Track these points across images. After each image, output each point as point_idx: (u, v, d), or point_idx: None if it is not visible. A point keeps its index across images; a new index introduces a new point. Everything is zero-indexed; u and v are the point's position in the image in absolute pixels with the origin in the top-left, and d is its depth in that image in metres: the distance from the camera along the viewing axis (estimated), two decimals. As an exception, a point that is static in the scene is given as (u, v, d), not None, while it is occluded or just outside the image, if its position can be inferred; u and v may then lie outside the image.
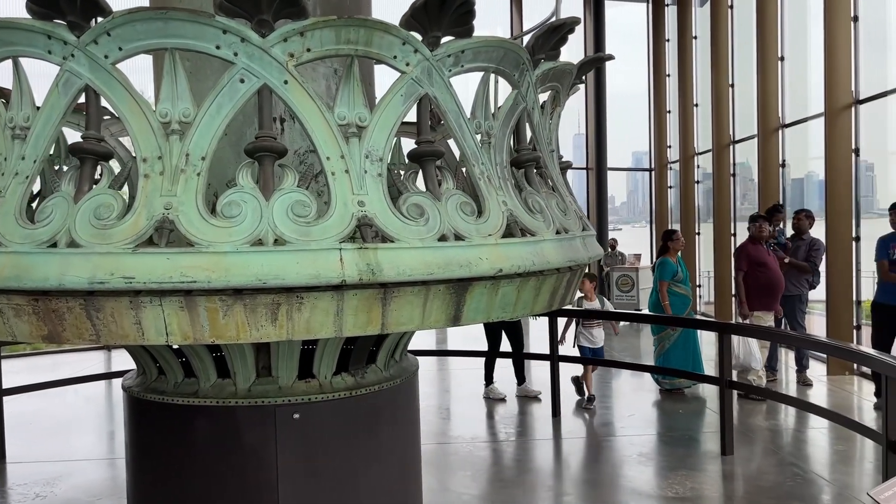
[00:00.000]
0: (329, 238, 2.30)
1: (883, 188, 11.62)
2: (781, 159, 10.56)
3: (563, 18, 2.96)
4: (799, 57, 10.49)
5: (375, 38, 2.43)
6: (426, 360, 9.32)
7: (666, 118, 15.77)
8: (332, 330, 2.41)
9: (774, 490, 4.98)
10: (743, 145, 12.00)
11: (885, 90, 8.30)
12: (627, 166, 20.32)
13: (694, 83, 14.10)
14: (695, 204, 14.28)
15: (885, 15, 9.30)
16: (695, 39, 14.07)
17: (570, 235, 3.10)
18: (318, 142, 2.40)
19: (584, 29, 16.58)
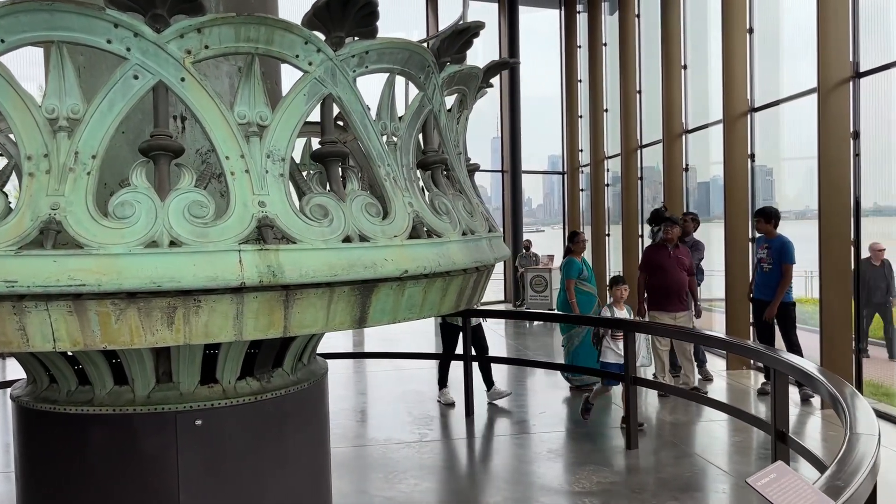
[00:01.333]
0: (228, 239, 2.25)
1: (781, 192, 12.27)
2: (685, 163, 11.00)
3: (469, 22, 3.01)
4: (700, 66, 10.96)
5: (277, 37, 2.40)
6: (342, 363, 9.25)
7: (578, 123, 16.17)
8: (233, 333, 2.36)
9: (675, 481, 5.19)
10: (652, 149, 12.43)
11: (778, 98, 8.78)
12: (544, 169, 20.71)
13: (604, 89, 14.51)
14: (605, 206, 14.70)
15: (777, 27, 9.82)
16: (604, 46, 14.48)
17: (477, 237, 3.14)
18: (216, 141, 2.35)
19: (499, 33, 16.81)
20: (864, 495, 2.15)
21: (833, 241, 7.05)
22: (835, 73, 6.97)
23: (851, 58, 6.94)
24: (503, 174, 17.15)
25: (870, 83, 6.93)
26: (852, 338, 6.98)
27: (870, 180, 7.34)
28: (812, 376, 3.68)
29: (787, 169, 11.82)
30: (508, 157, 16.73)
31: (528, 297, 14.63)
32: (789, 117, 9.35)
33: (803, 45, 8.31)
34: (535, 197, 44.09)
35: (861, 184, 7.00)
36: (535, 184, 27.37)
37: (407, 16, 17.09)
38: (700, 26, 11.02)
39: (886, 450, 5.68)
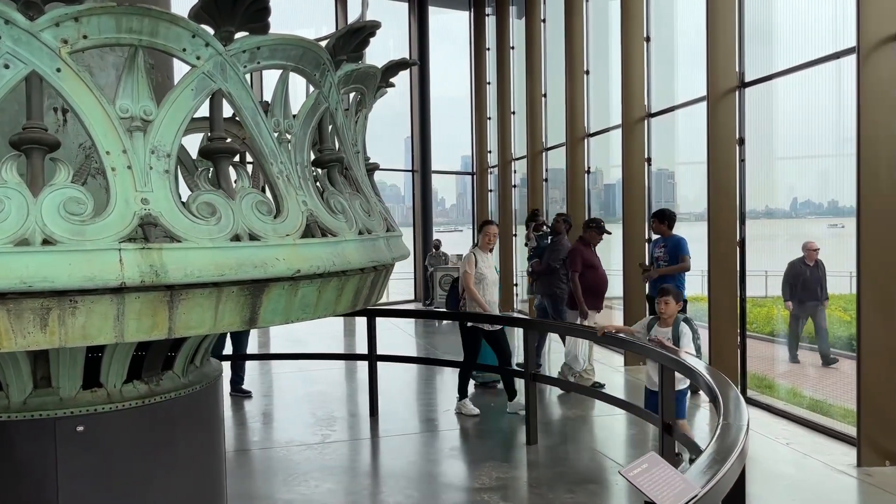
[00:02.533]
0: (107, 238, 2.17)
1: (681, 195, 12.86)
2: (587, 166, 11.35)
3: (365, 21, 3.00)
4: (602, 71, 11.34)
5: (161, 29, 2.33)
6: (247, 365, 9.04)
7: (486, 124, 16.41)
8: (113, 335, 2.27)
9: (572, 475, 5.35)
10: (558, 151, 12.75)
11: (673, 105, 9.18)
12: (457, 169, 20.89)
13: (511, 91, 14.78)
14: (512, 207, 14.98)
15: (672, 37, 10.28)
16: (512, 49, 14.76)
17: (374, 236, 3.14)
18: (96, 135, 2.26)
19: (409, 34, 16.86)
20: (732, 480, 2.28)
21: (721, 242, 7.44)
22: (722, 82, 7.36)
23: (738, 68, 7.34)
24: (413, 174, 17.21)
25: (754, 93, 7.36)
26: (737, 333, 7.38)
27: (755, 184, 7.80)
28: (693, 370, 3.88)
29: (686, 173, 12.39)
30: (418, 156, 16.80)
31: (438, 297, 14.73)
32: (684, 123, 9.80)
33: (695, 55, 8.73)
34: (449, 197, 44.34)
35: (746, 188, 7.41)
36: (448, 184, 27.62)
37: (315, 13, 16.88)
38: (602, 33, 11.39)
39: (768, 438, 6.06)
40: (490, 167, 16.41)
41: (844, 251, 7.35)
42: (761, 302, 12.16)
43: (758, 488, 4.99)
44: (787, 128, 8.40)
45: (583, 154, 11.29)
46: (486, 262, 7.15)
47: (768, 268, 12.71)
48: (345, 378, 8.85)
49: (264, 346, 11.24)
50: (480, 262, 7.07)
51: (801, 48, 7.25)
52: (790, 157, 9.04)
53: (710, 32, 7.42)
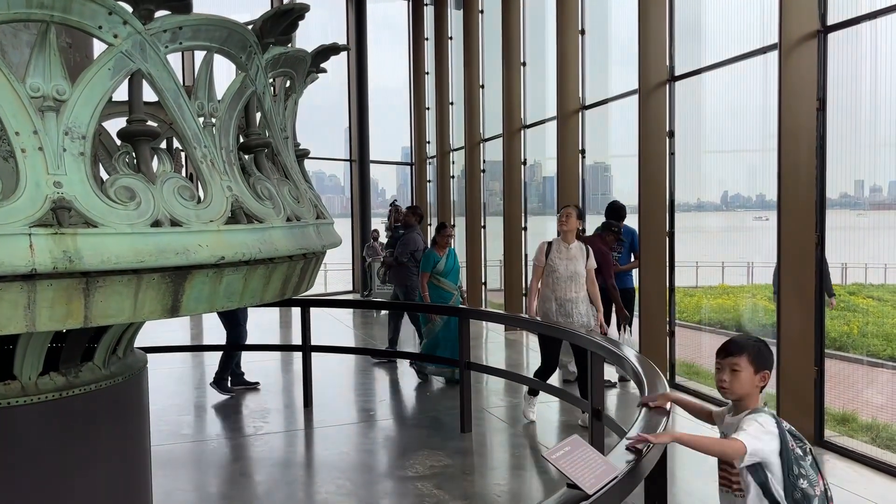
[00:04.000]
0: (16, 222, 2.07)
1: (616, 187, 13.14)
2: (524, 158, 11.45)
3: (293, 3, 2.95)
4: (539, 63, 11.45)
5: (75, 5, 2.23)
6: (179, 357, 8.84)
7: (425, 114, 16.38)
8: (24, 325, 2.17)
9: (505, 461, 5.42)
10: (496, 142, 12.83)
11: (606, 98, 9.34)
12: (398, 159, 20.81)
13: (450, 82, 14.79)
14: (450, 198, 15.01)
15: (606, 30, 10.45)
16: (450, 40, 14.76)
17: (303, 223, 3.09)
18: (5, 115, 2.15)
19: (347, 22, 16.68)
20: (653, 461, 2.35)
21: (651, 234, 7.62)
22: (653, 76, 7.53)
23: (668, 62, 7.52)
24: (352, 164, 17.07)
25: (684, 86, 7.55)
26: (666, 321, 7.59)
27: (686, 178, 8.01)
28: (621, 357, 3.97)
29: (621, 166, 12.65)
30: (356, 146, 16.67)
31: (375, 287, 14.67)
32: (618, 116, 9.99)
33: (628, 49, 8.90)
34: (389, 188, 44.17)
35: (676, 180, 7.61)
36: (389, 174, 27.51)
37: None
38: (538, 25, 11.50)
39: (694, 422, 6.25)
40: (429, 158, 16.40)
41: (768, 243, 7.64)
42: (691, 291, 12.54)
43: (683, 471, 5.15)
44: (716, 122, 8.65)
45: (519, 146, 11.39)
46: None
47: (699, 259, 13.10)
48: (280, 370, 8.74)
49: (197, 337, 11.00)
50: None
51: (729, 44, 7.47)
52: (720, 151, 9.31)
53: (642, 26, 7.57)
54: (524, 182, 11.62)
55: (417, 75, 16.48)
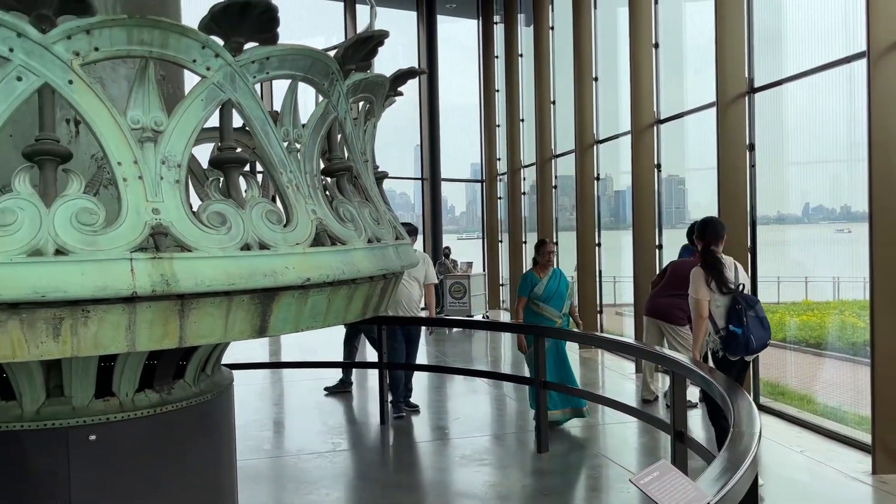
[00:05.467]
0: (119, 247, 2.18)
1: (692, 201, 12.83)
2: (597, 173, 11.33)
3: (373, 31, 3.02)
4: (611, 78, 11.33)
5: (172, 41, 2.35)
6: (258, 373, 9.07)
7: (495, 132, 16.43)
8: (125, 345, 2.29)
9: (584, 483, 5.33)
10: (567, 158, 12.75)
11: (682, 111, 9.17)
12: (467, 177, 20.91)
13: (520, 99, 14.80)
14: (521, 214, 14.97)
15: (681, 43, 10.28)
16: (520, 57, 14.79)
17: (383, 244, 3.15)
18: (108, 146, 2.28)
19: (418, 43, 16.92)
20: (744, 489, 2.27)
21: (732, 249, 7.38)
22: (731, 88, 7.35)
23: (747, 74, 7.33)
24: (423, 182, 17.24)
25: (764, 97, 7.34)
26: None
27: (766, 190, 7.75)
28: (706, 378, 3.86)
29: (696, 179, 12.36)
30: (428, 165, 16.83)
31: (448, 304, 14.72)
32: (694, 129, 9.78)
33: (704, 61, 8.72)
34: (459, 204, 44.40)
35: (757, 194, 7.38)
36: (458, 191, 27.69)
37: (325, 22, 16.97)
38: (610, 40, 11.40)
39: (780, 445, 6.02)
40: (499, 175, 16.42)
41: (854, 256, 7.30)
42: (773, 308, 12.08)
43: (771, 497, 4.95)
44: (799, 132, 8.36)
45: (592, 161, 11.28)
46: None
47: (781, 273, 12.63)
48: (356, 386, 8.85)
49: (275, 354, 11.27)
50: None
51: (810, 52, 7.23)
52: (802, 162, 8.99)
53: (719, 38, 7.41)
54: (597, 197, 11.48)
55: (488, 93, 16.56)
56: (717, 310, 4.97)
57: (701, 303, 4.96)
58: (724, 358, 4.93)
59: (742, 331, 4.80)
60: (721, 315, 4.94)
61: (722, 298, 4.95)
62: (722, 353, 4.93)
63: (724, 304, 4.95)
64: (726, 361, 4.92)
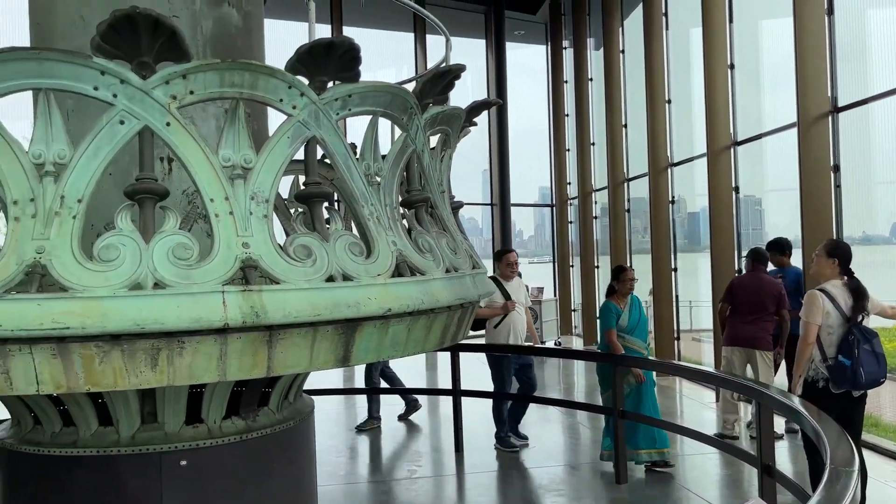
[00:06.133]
0: (212, 281, 2.28)
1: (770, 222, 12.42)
2: (671, 196, 11.12)
3: (450, 65, 3.08)
4: (684, 100, 11.15)
5: (261, 82, 2.46)
6: (332, 399, 9.20)
7: (565, 156, 16.35)
8: (216, 374, 2.37)
9: (666, 515, 5.17)
10: (639, 181, 12.58)
11: (761, 132, 8.93)
12: (535, 200, 20.85)
13: (590, 123, 14.71)
14: (594, 238, 14.80)
15: (758, 63, 10.03)
16: (590, 81, 14.72)
17: (461, 274, 3.17)
18: (201, 184, 2.39)
19: (487, 69, 17.06)
20: (843, 529, 2.17)
21: (817, 271, 7.11)
22: (814, 107, 7.12)
23: (830, 93, 7.09)
24: (493, 207, 17.27)
25: (849, 117, 7.08)
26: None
27: (851, 210, 7.45)
28: (796, 410, 3.71)
29: (775, 199, 11.98)
30: (497, 190, 16.86)
31: (519, 330, 14.63)
32: (773, 149, 9.50)
33: (783, 80, 8.49)
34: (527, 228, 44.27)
35: (843, 214, 7.10)
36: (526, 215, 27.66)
37: (396, 52, 17.32)
38: (683, 62, 11.23)
39: (878, 482, 5.70)
40: (570, 199, 16.31)
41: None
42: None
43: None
44: (886, 151, 8.02)
45: (666, 184, 11.09)
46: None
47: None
48: (428, 412, 8.86)
49: (349, 380, 11.40)
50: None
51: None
52: (890, 182, 8.61)
53: (799, 55, 7.21)
54: (672, 220, 11.26)
55: (557, 118, 16.53)
56: (829, 337, 4.65)
57: (811, 327, 4.65)
58: (825, 389, 4.62)
59: (851, 363, 4.49)
60: (832, 343, 4.63)
61: (837, 326, 4.64)
62: (823, 383, 4.64)
63: (837, 333, 4.63)
64: (827, 394, 4.60)
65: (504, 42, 16.73)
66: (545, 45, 17.21)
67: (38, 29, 3.25)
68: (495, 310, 6.91)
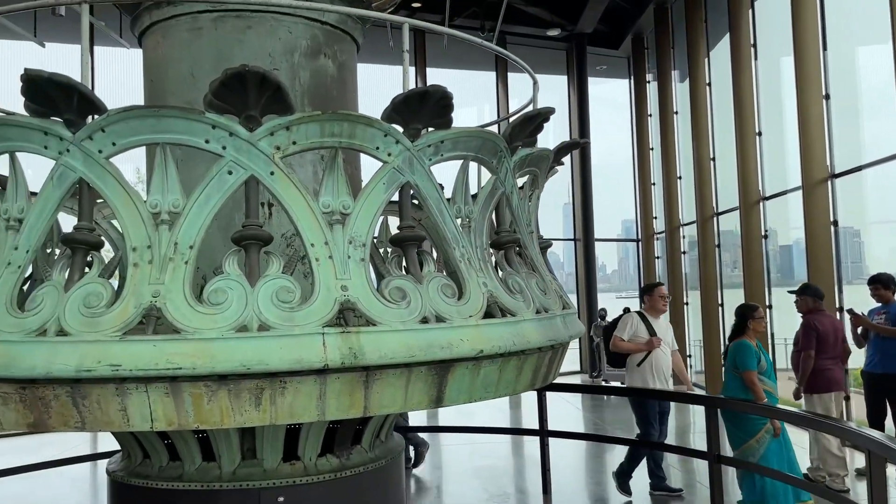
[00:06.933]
0: (312, 323, 2.36)
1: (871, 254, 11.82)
2: (764, 230, 10.76)
3: (539, 109, 3.12)
4: (776, 132, 10.83)
5: (359, 131, 2.56)
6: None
7: (651, 190, 16.10)
8: (316, 414, 2.45)
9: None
10: (729, 215, 12.24)
11: (861, 164, 8.55)
12: (617, 233, 20.56)
13: (677, 156, 14.46)
14: (682, 274, 14.43)
15: (855, 92, 9.65)
16: (676, 115, 14.51)
17: (551, 314, 3.17)
18: (302, 229, 2.50)
19: (569, 104, 17.07)
20: None
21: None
22: (918, 137, 6.78)
23: (936, 121, 6.75)
24: (576, 242, 17.12)
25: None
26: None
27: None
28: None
29: (876, 231, 11.40)
30: (581, 225, 16.72)
31: (605, 369, 14.32)
32: (875, 179, 9.08)
33: (883, 108, 8.14)
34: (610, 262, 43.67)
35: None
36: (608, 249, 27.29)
37: (477, 90, 17.57)
38: (773, 93, 10.93)
39: None
40: (656, 233, 15.99)
41: None
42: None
43: None
44: None
45: (759, 218, 10.74)
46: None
47: None
48: (513, 452, 8.76)
49: (433, 417, 11.42)
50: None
51: None
52: None
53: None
54: (765, 254, 10.87)
55: (642, 151, 16.33)
56: None
57: None
58: None
59: None
60: None
61: None
62: None
63: None
64: None
65: (586, 78, 16.74)
66: (628, 78, 17.12)
67: (152, 85, 3.49)
68: (639, 346, 6.43)
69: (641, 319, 6.58)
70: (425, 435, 9.38)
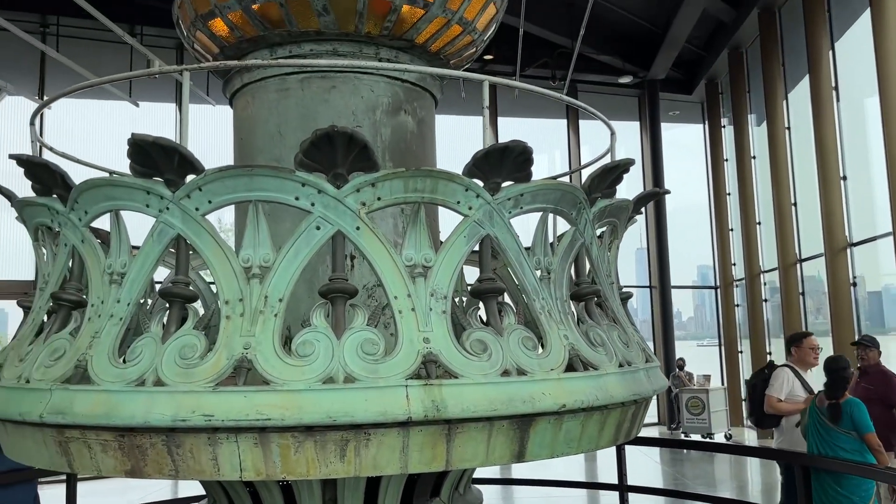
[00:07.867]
0: (396, 375, 2.39)
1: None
2: (852, 278, 10.32)
3: (618, 161, 3.12)
4: (862, 176, 10.45)
5: (440, 186, 2.61)
6: (488, 489, 9.08)
7: (729, 236, 15.71)
8: (398, 466, 2.45)
9: None
10: (813, 261, 11.80)
11: (956, 207, 8.16)
12: (692, 280, 20.05)
13: (756, 201, 14.10)
14: (763, 322, 13.93)
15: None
16: (753, 159, 14.20)
17: (634, 368, 3.11)
18: (386, 282, 2.54)
19: (641, 150, 16.96)
20: None
21: None
22: None
23: None
24: (651, 290, 16.78)
25: None
26: None
27: None
28: None
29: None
30: (657, 272, 16.41)
31: (685, 420, 13.84)
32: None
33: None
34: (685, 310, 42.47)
35: None
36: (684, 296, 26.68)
37: (549, 138, 17.66)
38: (858, 135, 10.60)
39: None
40: (735, 280, 15.53)
41: None
42: None
43: None
44: None
45: (846, 265, 10.32)
46: None
47: None
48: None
49: (506, 469, 11.23)
50: None
51: None
52: None
53: None
54: (855, 302, 10.40)
55: (718, 196, 16.01)
56: None
57: None
58: None
59: None
60: None
61: None
62: None
63: None
64: None
65: (659, 123, 16.63)
66: (702, 123, 16.93)
67: (242, 143, 3.66)
68: (798, 405, 5.85)
69: (794, 374, 6.03)
70: (499, 488, 9.24)
